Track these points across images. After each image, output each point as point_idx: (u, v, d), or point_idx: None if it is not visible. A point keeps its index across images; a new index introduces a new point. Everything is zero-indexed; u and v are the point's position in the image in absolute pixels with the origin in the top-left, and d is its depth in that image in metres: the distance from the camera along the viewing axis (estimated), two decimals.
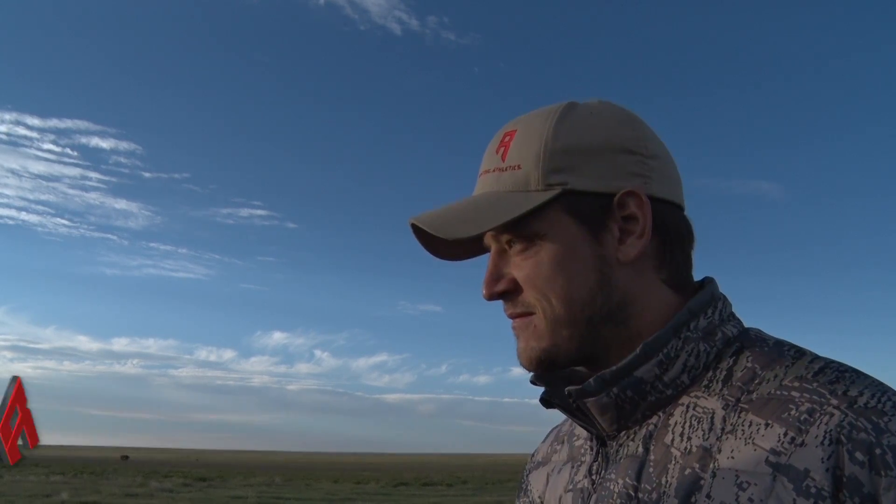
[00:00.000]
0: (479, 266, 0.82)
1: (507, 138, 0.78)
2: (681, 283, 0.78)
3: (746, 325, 0.77)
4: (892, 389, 0.64)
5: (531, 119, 0.78)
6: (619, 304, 0.74)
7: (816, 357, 0.69)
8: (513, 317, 0.77)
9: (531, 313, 0.75)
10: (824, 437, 0.60)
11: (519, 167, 0.76)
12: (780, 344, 0.72)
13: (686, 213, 0.80)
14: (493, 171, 0.78)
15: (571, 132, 0.75)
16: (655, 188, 0.75)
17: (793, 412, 0.63)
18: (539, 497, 0.87)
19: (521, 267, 0.75)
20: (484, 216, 0.74)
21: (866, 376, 0.66)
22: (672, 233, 0.76)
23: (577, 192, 0.74)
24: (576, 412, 0.76)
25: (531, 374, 0.79)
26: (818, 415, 0.62)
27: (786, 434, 0.62)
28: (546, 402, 0.79)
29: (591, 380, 0.72)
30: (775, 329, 0.75)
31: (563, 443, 0.89)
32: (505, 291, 0.76)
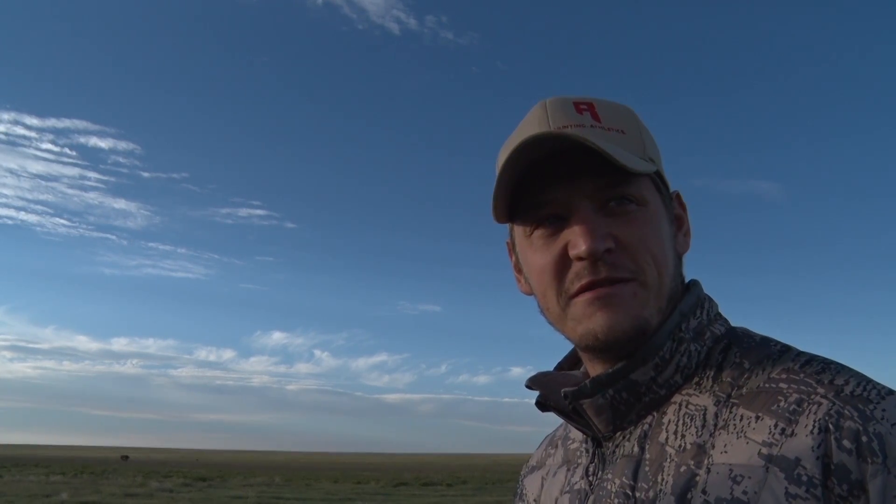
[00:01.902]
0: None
1: (584, 106, 0.75)
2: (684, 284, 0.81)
3: (744, 324, 0.79)
4: (875, 380, 0.66)
5: (601, 100, 0.77)
6: (677, 290, 0.77)
7: (802, 352, 0.71)
8: (609, 282, 0.71)
9: (631, 279, 0.71)
10: (813, 426, 0.62)
11: (623, 132, 0.75)
12: (766, 340, 0.74)
13: None
14: (592, 126, 0.73)
15: (644, 124, 0.80)
16: None
17: (782, 403, 0.65)
18: (534, 501, 0.88)
19: (626, 228, 0.71)
20: (636, 160, 0.71)
21: (850, 368, 0.68)
22: None
23: (661, 175, 0.79)
24: (571, 414, 0.77)
25: (530, 378, 0.81)
26: (806, 404, 0.64)
27: (776, 425, 0.64)
28: (542, 405, 0.80)
29: (586, 381, 0.74)
30: (774, 329, 0.78)
31: (557, 446, 0.90)
32: (609, 249, 0.70)
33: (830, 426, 0.61)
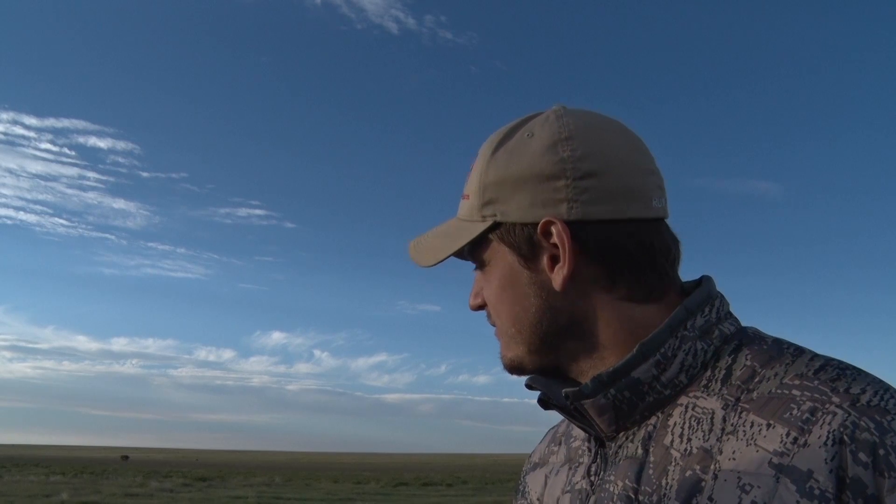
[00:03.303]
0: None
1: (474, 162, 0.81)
2: (651, 295, 0.74)
3: (743, 325, 0.76)
4: (894, 388, 0.63)
5: (485, 145, 0.80)
6: (570, 324, 0.75)
7: (816, 355, 0.68)
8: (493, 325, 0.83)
9: (495, 326, 0.81)
10: (827, 438, 0.60)
11: (468, 197, 0.80)
12: (779, 342, 0.71)
13: (665, 219, 0.76)
14: (462, 196, 0.82)
15: (501, 163, 0.76)
16: (588, 210, 0.72)
17: (794, 412, 0.63)
18: (537, 499, 0.87)
19: (484, 287, 0.81)
20: (441, 246, 0.82)
21: (867, 374, 0.65)
22: (617, 252, 0.72)
23: (507, 223, 0.75)
24: (574, 413, 0.76)
25: (530, 377, 0.80)
26: (820, 414, 0.61)
27: (788, 434, 0.62)
28: (544, 403, 0.79)
29: (587, 381, 0.72)
30: (774, 329, 0.75)
31: (560, 444, 0.89)
32: (479, 306, 0.83)
33: (846, 438, 0.59)
